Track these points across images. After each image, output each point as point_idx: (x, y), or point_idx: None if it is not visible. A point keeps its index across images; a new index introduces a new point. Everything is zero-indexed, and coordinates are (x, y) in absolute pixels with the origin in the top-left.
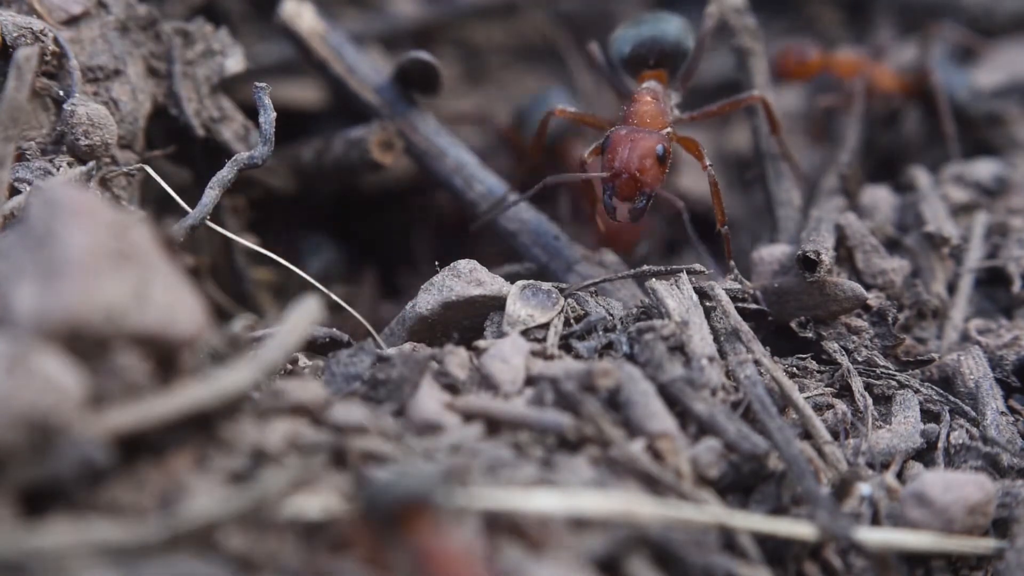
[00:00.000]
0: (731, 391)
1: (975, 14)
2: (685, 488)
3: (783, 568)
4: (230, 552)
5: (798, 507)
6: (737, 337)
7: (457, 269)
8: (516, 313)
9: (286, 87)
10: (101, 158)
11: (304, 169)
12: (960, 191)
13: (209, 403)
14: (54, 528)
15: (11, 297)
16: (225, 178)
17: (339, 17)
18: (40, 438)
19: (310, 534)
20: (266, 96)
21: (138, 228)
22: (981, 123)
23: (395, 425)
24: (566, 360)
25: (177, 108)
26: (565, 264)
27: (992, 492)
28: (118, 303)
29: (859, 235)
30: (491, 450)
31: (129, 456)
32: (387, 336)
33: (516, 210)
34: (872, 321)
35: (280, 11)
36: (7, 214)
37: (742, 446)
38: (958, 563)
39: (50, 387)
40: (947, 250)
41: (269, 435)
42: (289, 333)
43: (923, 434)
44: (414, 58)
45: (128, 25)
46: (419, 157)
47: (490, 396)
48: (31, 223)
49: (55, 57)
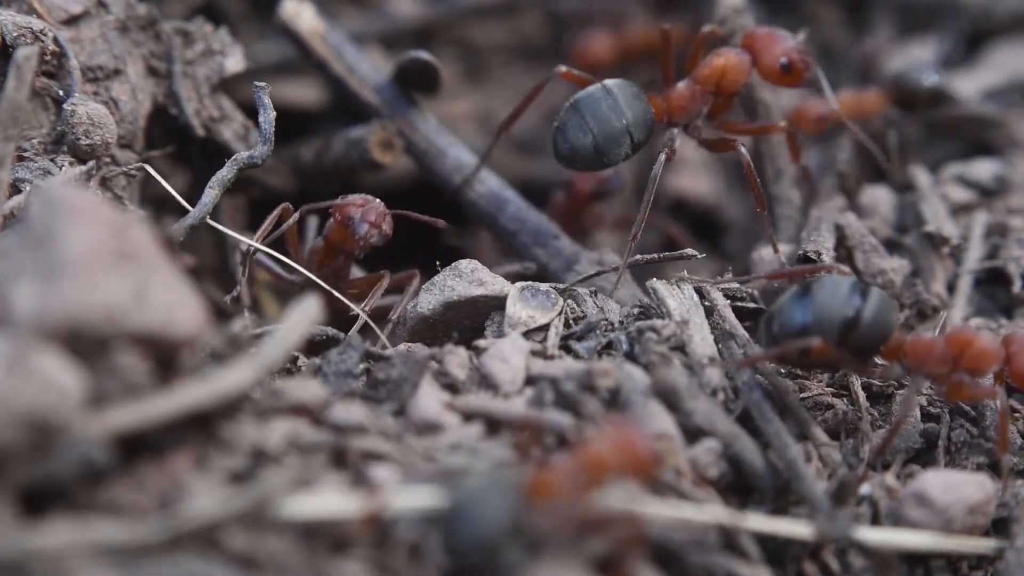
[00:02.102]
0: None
1: (974, 14)
2: (685, 488)
3: (783, 568)
4: (230, 552)
5: (798, 507)
6: (734, 340)
7: (458, 269)
8: (517, 315)
9: (286, 87)
10: (101, 158)
11: (304, 169)
12: (960, 191)
13: (209, 403)
14: (54, 528)
15: (11, 297)
16: (225, 178)
17: (339, 17)
18: (40, 438)
19: (310, 534)
20: (266, 96)
21: (138, 228)
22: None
23: (395, 425)
24: (566, 360)
25: (177, 108)
26: (565, 264)
27: (992, 492)
28: (118, 303)
29: (859, 235)
30: (491, 450)
31: (129, 456)
32: (388, 336)
33: (516, 210)
34: None
35: (280, 11)
36: (7, 214)
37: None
38: (958, 563)
39: (50, 387)
40: (947, 250)
41: (269, 435)
42: (289, 333)
43: (923, 434)
44: (414, 58)
45: (128, 25)
46: (419, 157)
47: (490, 396)
48: (31, 223)
49: (55, 57)
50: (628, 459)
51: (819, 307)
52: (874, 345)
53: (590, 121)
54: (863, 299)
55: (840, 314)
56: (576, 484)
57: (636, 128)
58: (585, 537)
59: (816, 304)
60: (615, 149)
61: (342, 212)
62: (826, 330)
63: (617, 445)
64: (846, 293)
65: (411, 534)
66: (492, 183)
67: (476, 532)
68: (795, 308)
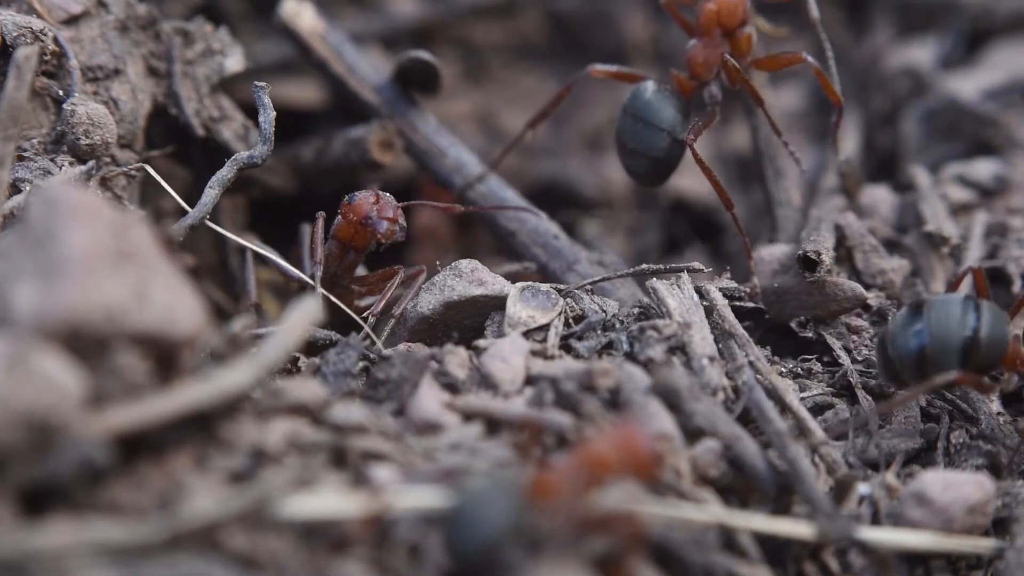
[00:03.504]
0: (731, 392)
1: (974, 14)
2: (685, 488)
3: (783, 568)
4: (230, 552)
5: (798, 507)
6: (733, 340)
7: (459, 269)
8: (517, 315)
9: (286, 87)
10: (101, 158)
11: (304, 169)
12: (960, 191)
13: (209, 403)
14: (54, 528)
15: (11, 297)
16: (225, 177)
17: (339, 16)
18: (40, 438)
19: (310, 534)
20: (266, 95)
21: (138, 228)
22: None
23: (395, 425)
24: (566, 360)
25: (177, 107)
26: (565, 264)
27: (992, 492)
28: (118, 303)
29: (859, 235)
30: (491, 450)
31: (129, 456)
32: (388, 336)
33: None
34: (872, 321)
35: (280, 10)
36: (7, 214)
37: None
38: (958, 563)
39: (50, 387)
40: (947, 250)
41: (269, 435)
42: (289, 333)
43: (923, 434)
44: (414, 57)
45: (128, 24)
46: (419, 157)
47: (490, 396)
48: (31, 223)
49: (55, 56)
50: (629, 459)
51: (935, 329)
52: (994, 361)
53: (637, 146)
54: (977, 316)
55: (958, 336)
56: (577, 484)
57: (676, 129)
58: (585, 537)
59: (931, 326)
60: (673, 160)
61: (356, 211)
62: (946, 353)
63: (618, 444)
64: (960, 313)
65: (411, 534)
66: (492, 183)
67: (479, 534)
68: (908, 332)
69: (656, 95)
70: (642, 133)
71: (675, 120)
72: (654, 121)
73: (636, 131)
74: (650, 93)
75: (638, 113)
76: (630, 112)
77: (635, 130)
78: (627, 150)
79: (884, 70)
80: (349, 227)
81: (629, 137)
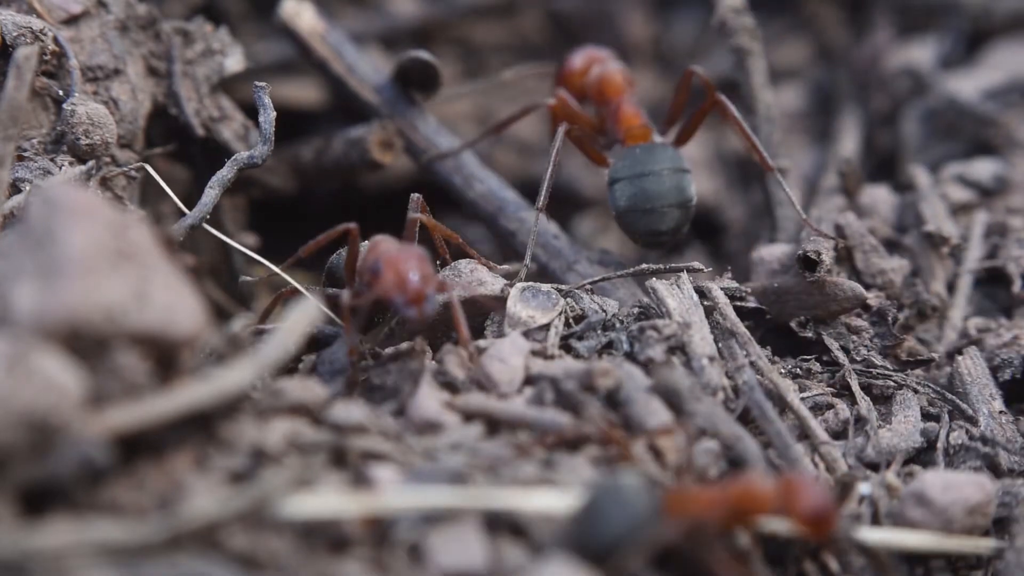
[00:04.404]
0: (731, 392)
1: (974, 13)
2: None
3: (783, 568)
4: (230, 552)
5: None
6: (734, 339)
7: (458, 269)
8: (517, 315)
9: (286, 86)
10: (101, 157)
11: (304, 169)
12: (960, 191)
13: (209, 403)
14: (54, 528)
15: (11, 297)
16: (225, 177)
17: (339, 16)
18: (40, 438)
19: (310, 534)
20: (266, 95)
21: (138, 228)
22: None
23: (395, 424)
24: (566, 360)
25: (177, 107)
26: (565, 264)
27: (992, 492)
28: (118, 303)
29: (859, 235)
30: (491, 449)
31: (129, 456)
32: (388, 336)
33: (515, 210)
34: (872, 321)
35: (280, 10)
36: (7, 214)
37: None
38: (958, 563)
39: (50, 387)
40: (947, 250)
41: (269, 435)
42: (288, 333)
43: (923, 434)
44: (414, 57)
45: (128, 24)
46: (419, 157)
47: (490, 395)
48: (31, 223)
49: (55, 56)
50: (791, 508)
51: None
52: None
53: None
54: None
55: None
56: (716, 511)
57: None
58: None
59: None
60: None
61: (383, 288)
62: None
63: (783, 490)
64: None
65: (411, 534)
66: (492, 183)
67: (610, 530)
68: None
69: None
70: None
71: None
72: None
73: (666, 185)
74: None
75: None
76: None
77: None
78: (658, 211)
79: (884, 70)
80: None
81: (660, 196)
